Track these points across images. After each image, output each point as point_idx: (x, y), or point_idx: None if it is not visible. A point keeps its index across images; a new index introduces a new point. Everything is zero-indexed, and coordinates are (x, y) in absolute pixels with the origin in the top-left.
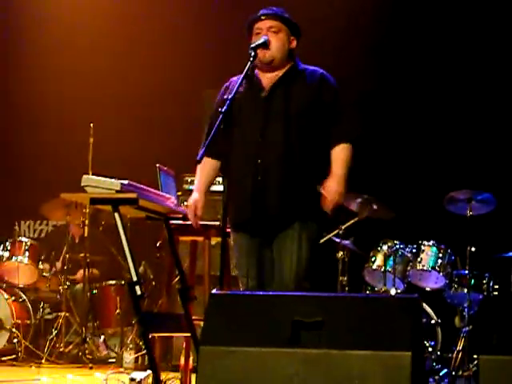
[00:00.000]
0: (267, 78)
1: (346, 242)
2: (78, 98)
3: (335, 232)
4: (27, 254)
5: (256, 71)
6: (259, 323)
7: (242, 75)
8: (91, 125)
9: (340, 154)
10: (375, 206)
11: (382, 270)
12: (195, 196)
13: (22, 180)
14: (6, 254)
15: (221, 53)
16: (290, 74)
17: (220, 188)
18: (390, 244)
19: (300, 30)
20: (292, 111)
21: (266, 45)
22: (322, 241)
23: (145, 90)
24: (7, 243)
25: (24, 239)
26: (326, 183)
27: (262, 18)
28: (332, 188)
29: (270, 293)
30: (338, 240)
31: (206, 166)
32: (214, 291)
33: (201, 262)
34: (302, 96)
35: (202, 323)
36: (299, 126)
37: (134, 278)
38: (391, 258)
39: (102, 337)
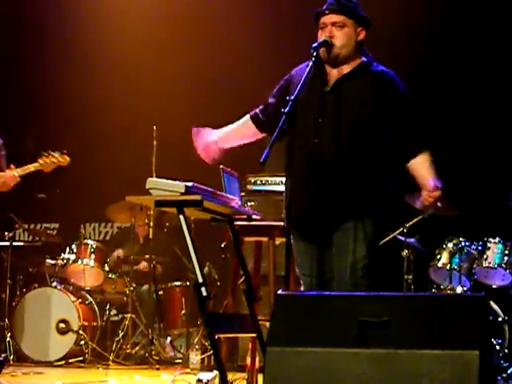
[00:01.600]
0: (334, 72)
1: (411, 240)
2: (142, 101)
3: (400, 230)
4: (93, 256)
5: (323, 64)
6: (325, 323)
7: (305, 75)
8: (154, 127)
9: (423, 163)
10: (439, 204)
11: (448, 267)
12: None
13: (87, 183)
14: (73, 257)
15: (284, 51)
16: (358, 71)
17: (282, 188)
18: (455, 242)
19: (369, 20)
20: (352, 110)
21: (327, 44)
22: (386, 239)
23: (207, 91)
24: (73, 246)
25: (90, 242)
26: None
27: (326, 12)
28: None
29: (336, 293)
30: (402, 238)
31: (245, 126)
32: (279, 292)
33: (265, 263)
34: (365, 98)
35: (267, 323)
36: (358, 124)
37: (200, 280)
38: (457, 256)
39: (169, 338)
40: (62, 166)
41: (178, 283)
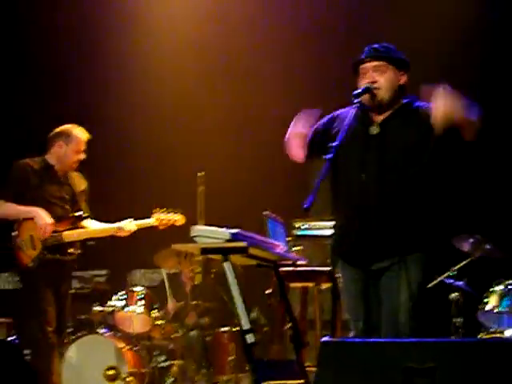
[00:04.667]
0: (378, 118)
1: (460, 283)
2: (189, 148)
3: (447, 273)
4: (141, 302)
5: (366, 109)
6: (371, 371)
7: (346, 122)
8: (199, 174)
9: None
10: (488, 246)
11: (497, 310)
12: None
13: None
14: (120, 304)
15: (326, 93)
16: (402, 111)
17: (328, 232)
18: (504, 284)
19: (408, 64)
20: (399, 149)
21: (369, 90)
22: (434, 283)
23: (252, 135)
24: (121, 293)
25: (138, 288)
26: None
27: (366, 60)
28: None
29: (382, 340)
30: (451, 281)
31: None
32: (324, 339)
33: (312, 308)
34: (410, 134)
35: (314, 369)
36: (405, 164)
37: (245, 327)
38: (506, 299)
39: None
40: (177, 224)
41: (226, 329)
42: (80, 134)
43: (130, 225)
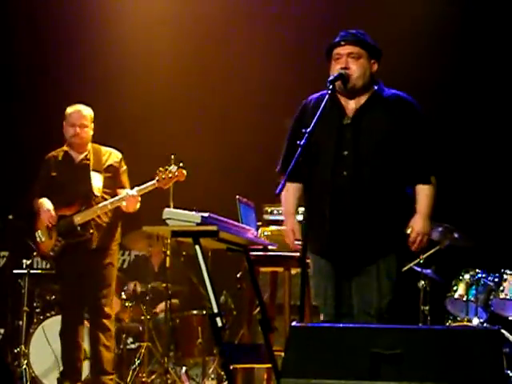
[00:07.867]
0: (350, 105)
1: (428, 271)
2: (159, 131)
3: (416, 261)
4: None
5: (338, 96)
6: (339, 355)
7: (321, 108)
8: (172, 156)
9: (425, 192)
10: (456, 235)
11: (464, 299)
12: (288, 223)
13: None
14: None
15: (302, 79)
16: (373, 100)
17: (299, 218)
18: (471, 273)
19: (380, 52)
20: (374, 139)
21: (343, 77)
22: (403, 270)
23: (224, 120)
24: None
25: None
26: (411, 223)
27: (342, 43)
28: (418, 229)
29: (350, 325)
30: (419, 269)
31: (291, 191)
32: (293, 324)
33: (281, 293)
34: (385, 123)
35: (282, 354)
36: (381, 155)
37: (215, 310)
38: (473, 288)
39: (184, 368)
40: (180, 180)
41: (194, 312)
42: (70, 108)
43: (131, 191)
